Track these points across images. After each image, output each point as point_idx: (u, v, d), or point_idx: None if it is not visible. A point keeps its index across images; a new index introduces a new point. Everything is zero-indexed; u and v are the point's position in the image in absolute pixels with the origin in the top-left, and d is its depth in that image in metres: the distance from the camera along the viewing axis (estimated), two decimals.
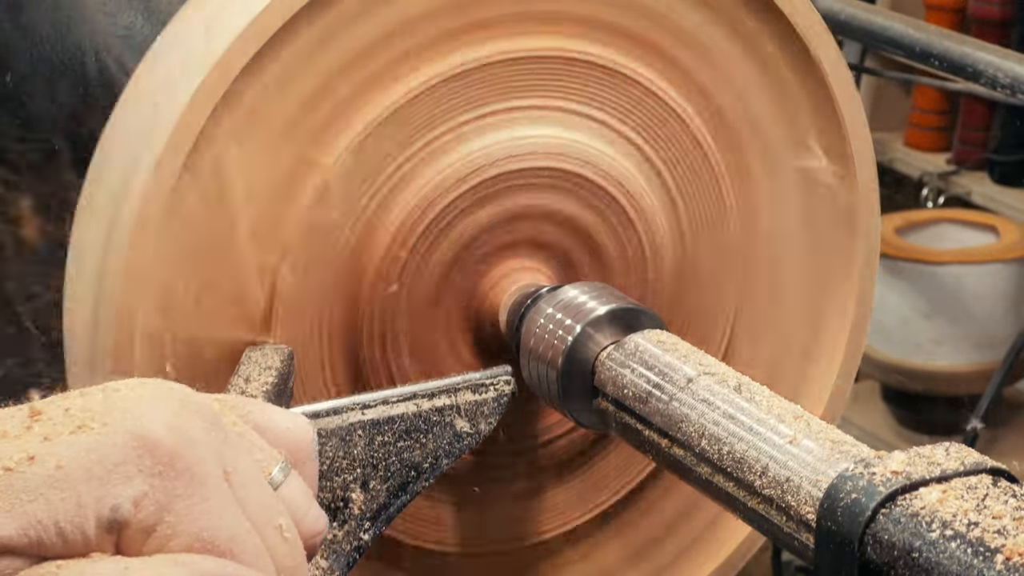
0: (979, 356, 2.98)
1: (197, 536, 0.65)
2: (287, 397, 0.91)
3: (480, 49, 0.97)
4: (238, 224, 0.93)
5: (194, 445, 0.66)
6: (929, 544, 0.74)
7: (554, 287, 1.00)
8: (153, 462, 0.64)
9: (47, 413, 0.66)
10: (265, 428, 0.73)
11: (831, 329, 1.12)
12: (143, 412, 0.66)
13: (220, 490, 0.66)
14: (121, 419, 0.65)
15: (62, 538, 0.63)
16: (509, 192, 0.99)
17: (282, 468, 0.72)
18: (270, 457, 0.71)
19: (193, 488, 0.65)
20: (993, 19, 3.17)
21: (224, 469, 0.67)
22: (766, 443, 0.86)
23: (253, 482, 0.69)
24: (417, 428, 0.88)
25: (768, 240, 1.09)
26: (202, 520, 0.65)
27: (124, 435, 0.65)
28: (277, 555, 0.68)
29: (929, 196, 3.25)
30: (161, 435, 0.65)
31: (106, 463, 0.64)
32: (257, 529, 0.67)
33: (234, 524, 0.66)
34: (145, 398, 0.67)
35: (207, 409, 0.68)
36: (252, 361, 0.91)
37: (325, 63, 0.93)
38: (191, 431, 0.66)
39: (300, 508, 0.72)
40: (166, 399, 0.67)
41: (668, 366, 0.93)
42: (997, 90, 1.59)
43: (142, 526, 0.64)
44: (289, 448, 0.73)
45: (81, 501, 0.63)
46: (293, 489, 0.72)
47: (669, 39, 1.02)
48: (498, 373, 0.92)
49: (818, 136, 1.08)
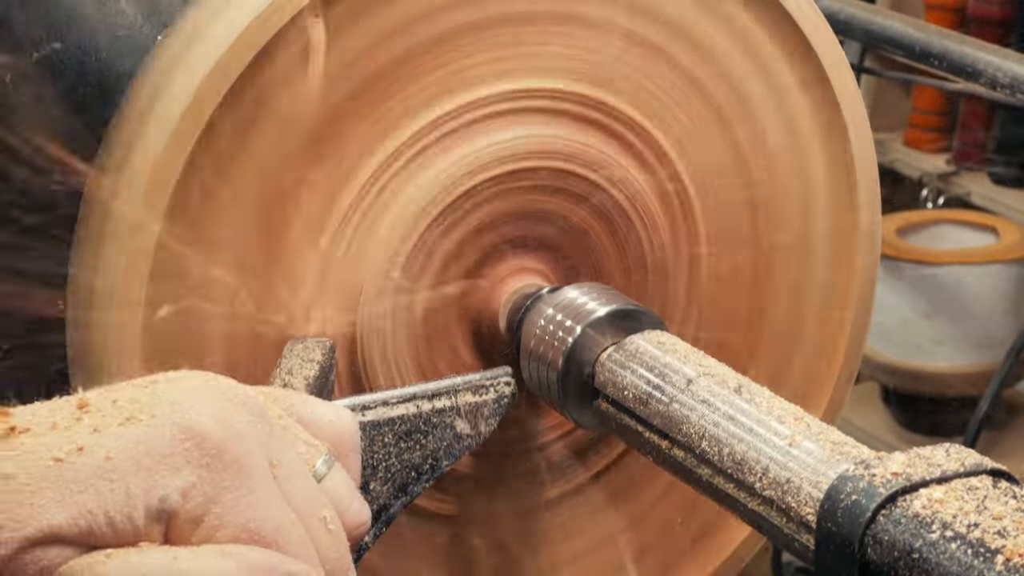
0: (979, 357, 2.98)
1: (244, 527, 0.66)
2: (328, 390, 0.91)
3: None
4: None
5: (241, 438, 0.67)
6: (929, 545, 0.74)
7: (554, 288, 1.00)
8: (201, 454, 0.66)
9: (95, 405, 0.67)
10: (309, 421, 0.75)
11: (831, 330, 1.12)
12: (191, 404, 0.67)
13: (266, 482, 0.67)
14: (169, 411, 0.66)
15: (112, 527, 0.64)
16: (508, 193, 0.99)
17: (326, 460, 0.73)
18: (314, 450, 0.73)
19: (240, 480, 0.66)
20: (993, 19, 3.17)
21: (270, 461, 0.68)
22: (766, 444, 0.86)
23: (298, 474, 0.70)
24: (417, 429, 0.88)
25: (767, 238, 1.09)
26: (248, 511, 0.66)
27: (172, 427, 0.66)
28: (321, 546, 0.70)
29: (929, 197, 3.25)
30: (208, 427, 0.66)
31: (154, 454, 0.65)
32: (302, 521, 0.69)
33: (279, 516, 0.67)
34: (193, 391, 0.68)
35: (253, 402, 0.69)
36: (294, 354, 0.91)
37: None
38: (238, 424, 0.67)
39: (344, 500, 0.73)
40: (213, 392, 0.68)
41: (668, 367, 0.93)
42: (997, 90, 1.59)
43: (190, 516, 0.65)
44: (332, 440, 0.75)
45: (130, 492, 0.64)
46: (336, 481, 0.73)
47: (682, 46, 1.02)
48: (498, 374, 0.92)
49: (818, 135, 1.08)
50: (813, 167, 1.08)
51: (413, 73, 0.96)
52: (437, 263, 0.98)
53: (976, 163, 3.24)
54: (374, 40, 0.94)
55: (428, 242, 0.97)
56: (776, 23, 1.04)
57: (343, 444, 0.76)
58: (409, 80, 0.96)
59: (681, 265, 1.06)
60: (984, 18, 3.18)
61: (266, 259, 0.94)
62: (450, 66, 0.97)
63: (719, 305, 1.08)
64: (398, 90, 0.95)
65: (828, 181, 1.09)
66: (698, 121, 1.04)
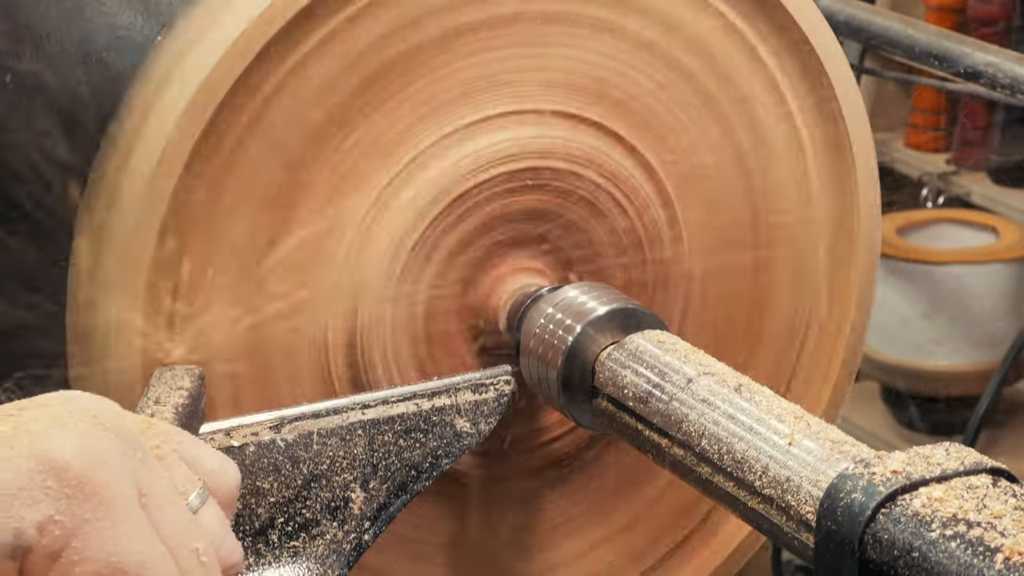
0: (979, 356, 2.98)
1: (105, 561, 0.64)
2: (199, 418, 0.89)
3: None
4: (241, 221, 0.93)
5: (104, 467, 0.65)
6: (929, 544, 0.74)
7: (554, 287, 1.00)
8: (60, 485, 0.63)
9: None
10: (189, 462, 0.72)
11: (831, 329, 1.12)
12: (52, 434, 0.64)
13: (132, 512, 0.65)
14: (28, 442, 0.64)
15: None
16: (509, 193, 0.99)
17: (199, 494, 0.70)
18: (189, 481, 0.70)
19: (103, 511, 0.64)
20: (993, 19, 3.17)
21: (140, 490, 0.66)
22: (766, 443, 0.86)
23: (169, 504, 0.67)
24: (417, 428, 0.88)
25: (767, 238, 1.09)
26: (110, 544, 0.64)
27: (29, 458, 0.63)
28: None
29: (929, 196, 3.25)
30: (68, 457, 0.64)
31: (9, 487, 0.63)
32: (172, 552, 0.66)
33: (145, 548, 0.65)
34: (56, 418, 0.65)
35: (123, 429, 0.67)
36: (162, 382, 0.90)
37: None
38: (102, 452, 0.65)
39: (217, 536, 0.70)
40: (79, 418, 0.66)
41: (668, 366, 0.93)
42: (997, 90, 1.59)
43: (47, 551, 0.63)
44: (211, 488, 0.72)
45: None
46: (211, 517, 0.70)
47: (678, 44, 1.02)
48: (498, 373, 0.92)
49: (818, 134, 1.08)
50: (811, 166, 1.08)
51: (413, 74, 0.96)
52: (437, 263, 0.98)
53: (976, 163, 3.24)
54: (375, 39, 0.94)
55: (428, 242, 0.97)
56: (771, 19, 1.05)
57: (221, 494, 0.73)
58: (409, 81, 0.96)
59: (681, 265, 1.06)
60: (984, 18, 3.18)
61: (267, 259, 0.94)
62: (449, 67, 0.97)
63: (718, 304, 1.08)
64: (398, 90, 0.95)
65: (827, 180, 1.09)
66: (697, 120, 1.04)
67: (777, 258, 1.09)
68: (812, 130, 1.08)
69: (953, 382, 2.98)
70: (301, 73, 0.92)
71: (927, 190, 3.25)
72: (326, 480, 0.86)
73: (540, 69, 1.00)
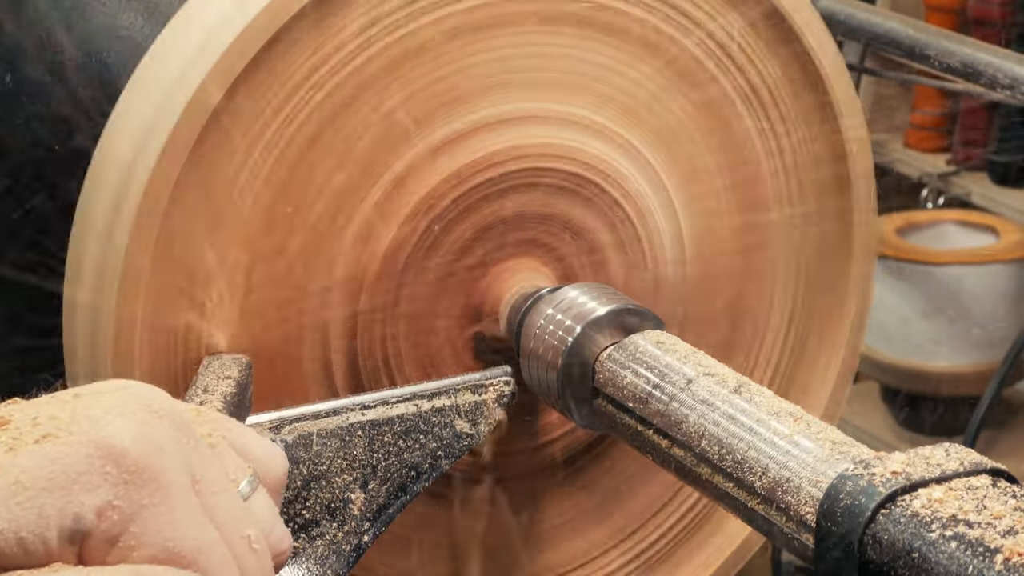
0: (979, 357, 2.98)
1: (162, 546, 0.64)
2: (246, 407, 0.90)
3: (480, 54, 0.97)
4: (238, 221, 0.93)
5: (161, 453, 0.65)
6: (929, 544, 0.74)
7: (554, 288, 1.00)
8: (118, 471, 0.64)
9: (15, 422, 0.65)
10: (238, 450, 0.72)
11: (831, 329, 1.12)
12: (110, 420, 0.65)
13: (187, 499, 0.65)
14: (87, 428, 0.64)
15: (23, 548, 0.62)
16: (508, 193, 0.99)
17: (250, 482, 0.71)
18: (239, 469, 0.71)
19: (159, 497, 0.64)
20: (993, 19, 3.17)
21: (193, 477, 0.66)
22: (766, 444, 0.86)
23: (222, 491, 0.68)
24: (417, 428, 0.88)
25: (767, 238, 1.09)
26: (167, 530, 0.64)
27: (89, 444, 0.64)
28: (245, 565, 0.68)
29: (929, 197, 3.25)
30: (127, 444, 0.64)
31: (70, 473, 0.63)
32: (225, 538, 0.67)
33: (200, 534, 0.65)
34: (114, 406, 0.66)
35: (178, 416, 0.67)
36: (210, 371, 0.90)
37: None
38: (159, 439, 0.65)
39: (267, 523, 0.71)
40: (135, 406, 0.66)
41: (668, 367, 0.93)
42: (997, 90, 1.59)
43: (105, 536, 0.63)
44: (259, 474, 0.72)
45: (43, 512, 0.62)
46: (260, 504, 0.71)
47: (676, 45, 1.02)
48: (498, 373, 0.92)
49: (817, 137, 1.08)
50: (808, 166, 1.09)
51: (420, 70, 0.96)
52: (438, 263, 0.98)
53: (976, 163, 3.24)
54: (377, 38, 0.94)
55: (429, 241, 0.97)
56: (769, 20, 1.05)
57: (269, 481, 0.73)
58: (416, 77, 0.96)
59: (681, 266, 1.06)
60: (984, 19, 3.18)
61: (267, 257, 0.94)
62: (456, 64, 0.97)
63: (718, 304, 1.08)
64: (404, 87, 0.95)
65: (824, 180, 1.09)
66: (696, 121, 1.04)
67: (776, 259, 1.09)
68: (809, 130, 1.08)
69: (953, 382, 2.99)
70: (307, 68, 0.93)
71: (927, 190, 3.26)
72: (326, 481, 0.86)
73: (546, 70, 1.00)
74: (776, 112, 1.07)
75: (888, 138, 3.36)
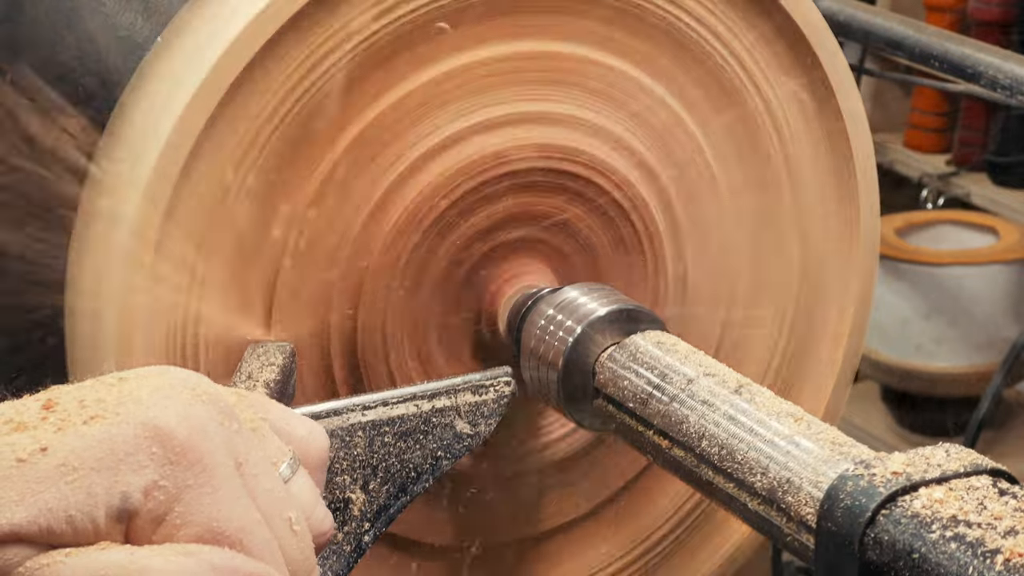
0: (979, 357, 2.98)
1: (207, 526, 0.65)
2: (289, 395, 0.91)
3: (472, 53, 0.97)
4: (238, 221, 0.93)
5: (206, 435, 0.66)
6: (929, 545, 0.74)
7: (554, 288, 1.00)
8: (164, 452, 0.65)
9: (61, 404, 0.66)
10: (281, 431, 0.74)
11: (831, 330, 1.12)
12: (156, 402, 0.66)
13: (231, 480, 0.67)
14: (134, 409, 0.66)
15: (72, 526, 0.64)
16: (508, 193, 0.99)
17: (290, 464, 0.72)
18: (280, 452, 0.72)
19: (204, 478, 0.66)
20: (993, 20, 3.17)
21: (236, 460, 0.68)
22: (766, 444, 0.86)
23: (264, 473, 0.69)
24: (417, 429, 0.88)
25: (767, 238, 1.09)
26: (212, 510, 0.66)
27: (136, 425, 0.65)
28: (286, 547, 0.69)
29: (929, 197, 3.25)
30: (173, 425, 0.66)
31: (117, 452, 0.65)
32: (267, 520, 0.68)
33: (244, 515, 0.67)
34: (159, 388, 0.67)
35: (221, 400, 0.69)
36: (254, 357, 0.91)
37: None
38: (204, 421, 0.67)
39: (308, 505, 0.72)
40: (180, 389, 0.68)
41: (668, 367, 0.93)
42: (997, 91, 1.59)
43: (152, 515, 0.65)
44: (301, 455, 0.74)
45: (92, 491, 0.64)
46: (301, 486, 0.72)
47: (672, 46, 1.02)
48: (498, 374, 0.92)
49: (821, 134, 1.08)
50: (809, 166, 1.09)
51: (419, 71, 0.96)
52: (439, 263, 0.98)
53: (976, 164, 3.24)
54: (377, 37, 0.94)
55: (429, 241, 0.97)
56: (771, 21, 1.05)
57: (311, 460, 0.75)
58: (413, 79, 0.96)
59: (682, 267, 1.06)
60: (984, 20, 3.18)
61: (268, 256, 0.94)
62: (457, 68, 0.97)
63: (717, 305, 1.08)
64: (402, 90, 0.95)
65: (825, 180, 1.09)
66: (701, 128, 1.04)
67: (776, 260, 1.09)
68: (810, 130, 1.08)
69: (953, 383, 2.99)
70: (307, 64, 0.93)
71: (927, 191, 3.26)
72: (326, 481, 0.86)
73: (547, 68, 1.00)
74: (781, 110, 1.07)
75: (888, 138, 3.36)
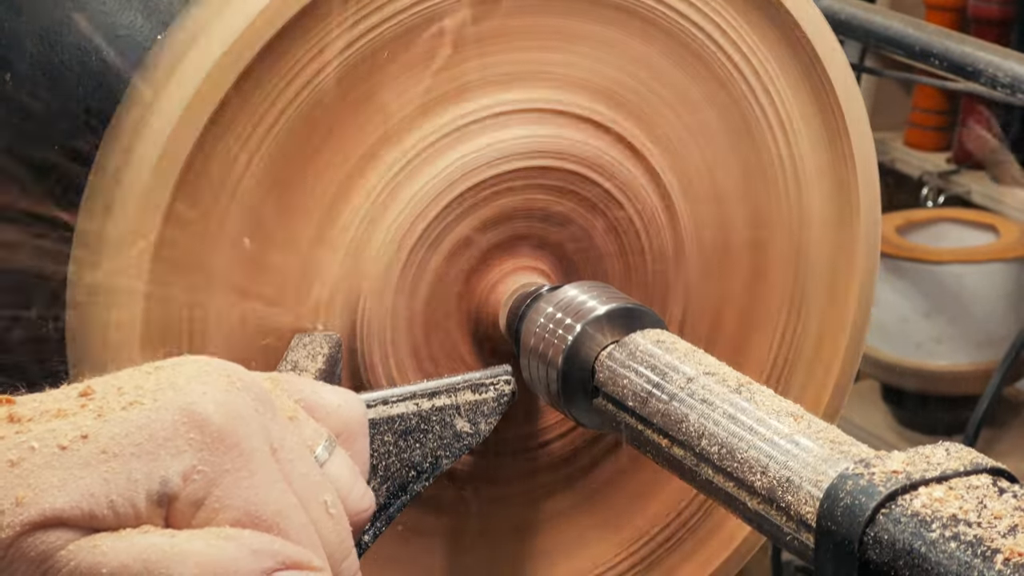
0: (979, 355, 2.98)
1: (244, 510, 0.67)
2: (335, 383, 0.91)
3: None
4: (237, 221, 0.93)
5: (243, 421, 0.68)
6: (929, 544, 0.74)
7: (554, 286, 1.00)
8: (202, 437, 0.66)
9: (99, 392, 0.68)
10: (315, 406, 0.76)
11: (831, 329, 1.12)
12: (194, 388, 0.68)
13: (267, 465, 0.68)
14: (172, 395, 0.67)
15: (113, 511, 0.65)
16: (507, 192, 0.99)
17: (326, 446, 0.73)
18: (316, 434, 0.73)
19: (241, 463, 0.67)
20: (993, 19, 3.17)
21: (271, 445, 0.69)
22: (766, 443, 0.86)
23: (299, 458, 0.70)
24: (417, 428, 0.88)
25: (768, 237, 1.09)
26: (249, 494, 0.67)
27: (174, 411, 0.67)
28: (322, 530, 0.70)
29: (929, 195, 3.25)
30: (211, 411, 0.67)
31: (157, 438, 0.66)
32: (303, 504, 0.69)
33: (280, 499, 0.68)
34: (196, 375, 0.69)
35: (256, 386, 0.70)
36: (301, 347, 0.92)
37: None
38: (240, 407, 0.68)
39: (345, 486, 0.74)
40: (217, 376, 0.69)
41: (668, 366, 0.93)
42: (997, 90, 1.59)
43: (191, 500, 0.66)
44: (339, 425, 0.76)
45: (132, 476, 0.65)
46: (339, 466, 0.74)
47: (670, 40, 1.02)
48: (498, 373, 0.92)
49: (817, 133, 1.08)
50: (811, 165, 1.09)
51: (417, 72, 0.96)
52: (438, 262, 0.98)
53: (976, 162, 3.24)
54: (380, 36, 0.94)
55: (429, 241, 0.97)
56: (772, 20, 1.05)
57: (350, 429, 0.77)
58: (413, 79, 0.96)
59: (681, 265, 1.06)
60: (984, 18, 3.18)
61: (268, 256, 0.94)
62: (455, 68, 0.97)
63: (717, 304, 1.08)
64: (401, 88, 0.95)
65: (826, 179, 1.09)
66: (703, 127, 1.04)
67: (776, 259, 1.09)
68: (811, 129, 1.08)
69: (953, 381, 2.99)
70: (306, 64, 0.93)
71: (927, 189, 3.26)
72: None
73: (558, 66, 1.00)
74: (782, 110, 1.07)
75: (888, 137, 3.36)
